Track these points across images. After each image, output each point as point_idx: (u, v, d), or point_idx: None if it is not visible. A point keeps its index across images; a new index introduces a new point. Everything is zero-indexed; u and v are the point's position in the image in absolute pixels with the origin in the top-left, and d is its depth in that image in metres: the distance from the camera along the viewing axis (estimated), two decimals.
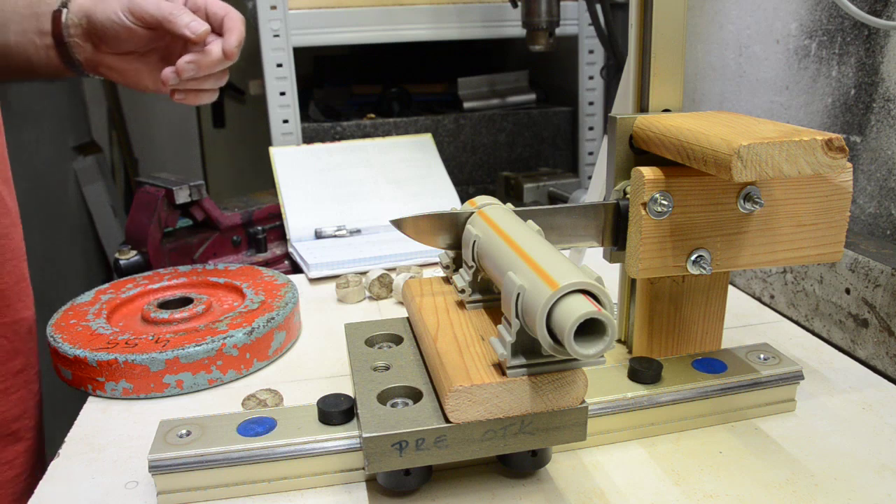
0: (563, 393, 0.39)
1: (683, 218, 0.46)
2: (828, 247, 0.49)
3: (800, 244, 0.48)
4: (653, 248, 0.46)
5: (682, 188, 0.45)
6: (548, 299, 0.34)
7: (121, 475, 0.45)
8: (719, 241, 0.47)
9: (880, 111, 0.66)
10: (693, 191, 0.46)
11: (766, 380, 0.48)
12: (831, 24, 0.71)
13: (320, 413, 0.43)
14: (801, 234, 0.48)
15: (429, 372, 0.44)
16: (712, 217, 0.47)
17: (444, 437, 0.39)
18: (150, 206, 0.77)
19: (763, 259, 0.48)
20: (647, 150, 0.48)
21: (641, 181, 0.45)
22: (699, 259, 0.47)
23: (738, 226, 0.47)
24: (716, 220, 0.47)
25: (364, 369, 0.45)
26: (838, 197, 0.48)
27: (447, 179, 0.97)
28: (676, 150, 0.44)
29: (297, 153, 0.96)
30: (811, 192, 0.47)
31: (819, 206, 0.48)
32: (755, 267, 0.49)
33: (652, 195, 0.45)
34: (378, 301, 0.72)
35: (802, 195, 0.47)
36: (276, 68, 1.06)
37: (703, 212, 0.46)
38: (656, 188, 0.45)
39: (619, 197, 0.49)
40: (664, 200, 0.45)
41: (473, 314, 0.47)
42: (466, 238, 0.48)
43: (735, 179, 0.38)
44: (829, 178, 0.47)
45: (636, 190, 0.46)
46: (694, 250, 0.47)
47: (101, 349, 0.54)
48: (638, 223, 0.46)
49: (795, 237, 0.48)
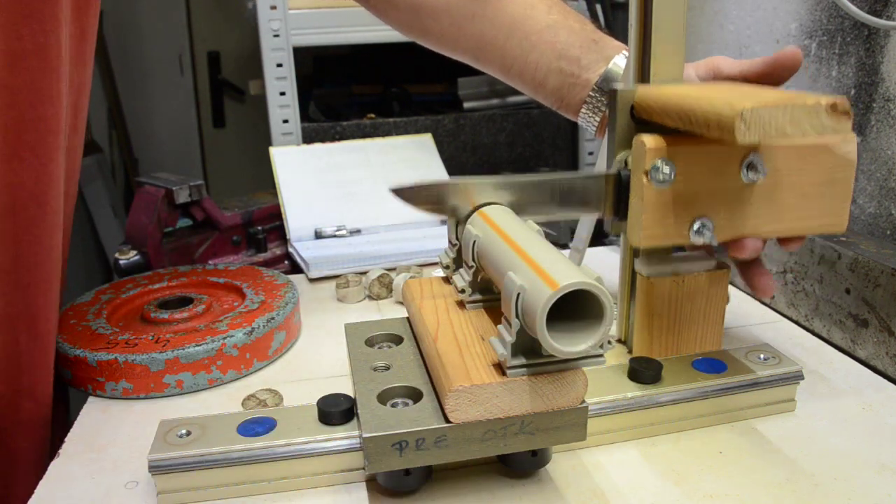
0: (563, 393, 0.39)
1: (685, 186, 0.46)
2: (832, 217, 0.48)
3: (804, 214, 0.48)
4: (655, 217, 0.46)
5: (684, 156, 0.45)
6: (548, 299, 0.34)
7: (121, 475, 0.45)
8: (722, 210, 0.47)
9: (880, 111, 0.66)
10: (695, 159, 0.45)
11: (766, 380, 0.48)
12: (831, 24, 0.71)
13: (320, 413, 0.43)
14: (805, 204, 0.48)
15: (429, 372, 0.44)
16: (715, 186, 0.46)
17: (444, 437, 0.39)
18: (150, 206, 0.77)
19: (766, 229, 0.48)
20: (648, 121, 0.47)
21: (643, 149, 0.45)
22: (702, 228, 0.46)
23: (741, 195, 0.47)
24: (718, 188, 0.46)
25: (364, 369, 0.45)
26: (842, 168, 0.47)
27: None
28: (678, 115, 0.43)
29: (297, 153, 0.96)
30: (815, 163, 0.47)
31: (823, 177, 0.47)
32: (759, 236, 0.48)
33: (654, 163, 0.45)
34: (378, 301, 0.72)
35: (806, 166, 0.47)
36: (276, 68, 1.06)
37: (706, 180, 0.46)
38: (658, 156, 0.45)
39: (621, 167, 0.48)
40: (666, 168, 0.45)
41: (473, 314, 0.47)
42: (466, 238, 0.48)
43: (738, 141, 0.38)
44: (832, 149, 0.47)
45: (638, 158, 0.45)
46: (696, 219, 0.46)
47: (101, 349, 0.54)
48: (640, 191, 0.46)
49: (799, 207, 0.48)
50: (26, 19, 0.45)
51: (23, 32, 0.45)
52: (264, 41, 1.05)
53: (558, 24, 0.59)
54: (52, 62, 0.47)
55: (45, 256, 0.50)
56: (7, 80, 0.45)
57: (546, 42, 0.58)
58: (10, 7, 0.44)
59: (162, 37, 2.29)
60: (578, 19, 0.60)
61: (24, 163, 0.47)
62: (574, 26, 0.58)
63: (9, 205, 0.47)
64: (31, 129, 0.47)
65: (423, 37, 0.67)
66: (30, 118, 0.47)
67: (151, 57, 2.30)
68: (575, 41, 0.57)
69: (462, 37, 0.63)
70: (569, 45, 0.57)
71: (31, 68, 0.46)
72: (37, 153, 0.48)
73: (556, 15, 0.59)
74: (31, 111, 0.47)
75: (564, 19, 0.59)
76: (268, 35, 1.05)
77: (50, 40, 0.46)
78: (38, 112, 0.47)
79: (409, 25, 0.67)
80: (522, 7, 0.60)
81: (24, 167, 0.47)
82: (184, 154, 2.38)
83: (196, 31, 2.31)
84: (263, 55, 1.06)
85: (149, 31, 2.27)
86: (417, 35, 0.68)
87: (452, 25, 0.63)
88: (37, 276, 0.50)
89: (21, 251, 0.49)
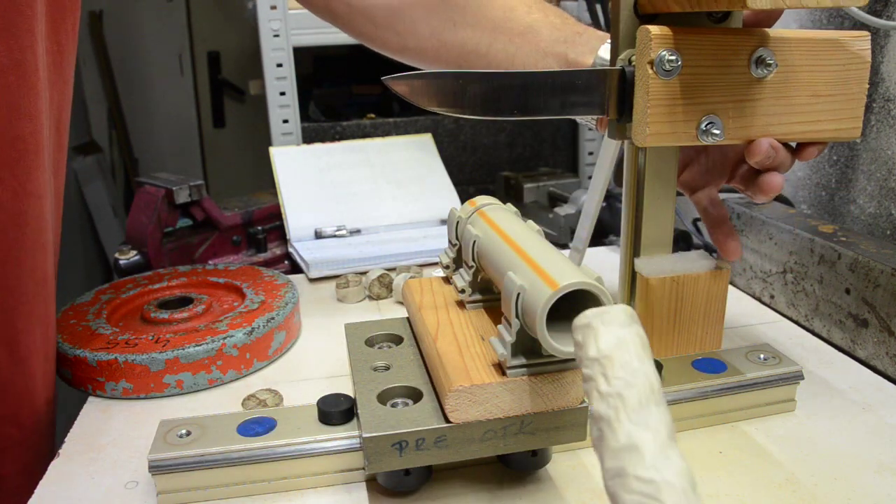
0: (563, 393, 0.39)
1: (693, 80, 0.44)
2: (845, 122, 0.47)
3: (816, 117, 0.46)
4: (661, 112, 0.44)
5: (691, 46, 0.43)
6: (548, 299, 0.34)
7: (121, 475, 0.45)
8: (731, 107, 0.45)
9: (880, 111, 0.66)
10: (702, 49, 0.44)
11: (766, 380, 0.48)
12: (831, 24, 0.71)
13: (320, 413, 0.43)
14: (817, 105, 0.46)
15: (429, 372, 0.44)
16: (723, 80, 0.44)
17: (444, 437, 0.39)
18: (150, 206, 0.77)
19: (777, 130, 0.46)
20: (653, 14, 0.46)
21: (648, 38, 0.43)
22: (710, 126, 0.45)
23: (750, 91, 0.45)
24: (727, 83, 0.45)
25: (364, 369, 0.45)
26: (856, 66, 0.46)
27: (447, 179, 0.97)
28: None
29: (297, 153, 0.96)
30: (827, 60, 0.45)
31: (836, 76, 0.46)
32: (769, 137, 0.46)
33: (659, 52, 0.43)
34: (378, 301, 0.72)
35: (818, 62, 0.45)
36: (276, 68, 1.07)
37: (714, 74, 0.44)
38: (664, 45, 0.43)
39: (625, 64, 0.46)
40: (671, 57, 0.43)
41: (473, 314, 0.47)
42: (466, 238, 0.48)
43: (748, 6, 0.37)
44: (846, 45, 0.45)
45: (642, 49, 0.44)
46: (704, 117, 0.45)
47: (101, 349, 0.54)
48: (645, 84, 0.44)
49: (811, 109, 0.46)
50: (1, 35, 0.43)
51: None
52: (264, 41, 1.05)
53: (539, 22, 0.58)
54: (29, 78, 0.45)
55: (26, 279, 0.49)
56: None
57: (530, 42, 0.58)
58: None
59: (162, 37, 2.30)
60: (559, 15, 0.59)
61: (3, 183, 0.45)
62: (555, 22, 0.58)
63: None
64: (9, 148, 0.45)
65: (402, 52, 0.65)
66: (7, 137, 0.45)
67: (151, 57, 2.30)
68: (559, 37, 0.57)
69: (443, 47, 0.62)
70: (553, 41, 0.57)
71: (8, 85, 0.44)
72: (14, 173, 0.46)
73: (536, 14, 0.59)
74: (8, 130, 0.45)
75: (545, 17, 0.59)
76: (268, 35, 1.05)
77: (27, 56, 0.45)
78: (15, 131, 0.45)
79: (384, 42, 0.66)
80: (502, 10, 0.60)
81: (3, 187, 0.45)
82: (184, 154, 2.38)
83: (196, 31, 2.31)
84: (263, 55, 1.06)
85: (149, 31, 2.28)
86: (395, 50, 0.66)
87: (433, 36, 0.62)
88: (17, 298, 0.49)
89: (0, 273, 0.47)
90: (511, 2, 0.60)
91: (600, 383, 0.29)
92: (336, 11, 0.66)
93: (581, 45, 0.56)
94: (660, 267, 0.51)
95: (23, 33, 0.44)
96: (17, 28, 0.44)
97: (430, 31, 0.62)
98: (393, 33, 0.64)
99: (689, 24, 0.45)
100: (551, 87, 0.46)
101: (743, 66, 0.44)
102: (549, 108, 0.46)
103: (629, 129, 0.46)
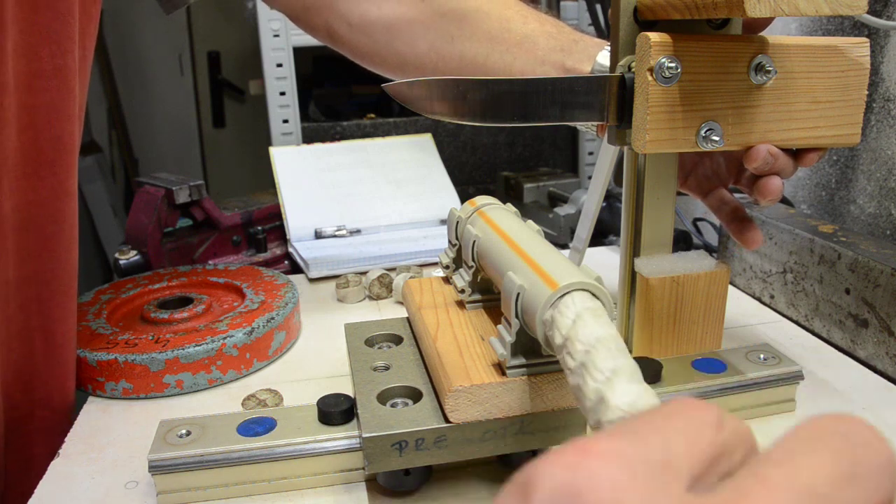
0: (563, 393, 0.39)
1: (692, 86, 0.44)
2: (845, 128, 0.47)
3: (815, 123, 0.46)
4: (660, 119, 0.44)
5: (691, 53, 0.43)
6: (548, 299, 0.34)
7: (121, 475, 0.45)
8: (730, 113, 0.45)
9: (880, 111, 0.66)
10: (702, 56, 0.44)
11: (766, 380, 0.48)
12: (831, 24, 0.71)
13: (320, 413, 0.43)
14: (816, 111, 0.46)
15: (429, 372, 0.44)
16: (723, 87, 0.45)
17: (444, 437, 0.39)
18: (150, 206, 0.77)
19: (777, 136, 0.46)
20: (653, 21, 0.46)
21: (648, 45, 0.43)
22: (709, 132, 0.45)
23: (749, 98, 0.45)
24: (726, 90, 0.45)
25: (364, 369, 0.46)
26: (855, 73, 0.46)
27: (447, 179, 0.97)
28: (684, 2, 0.42)
29: (297, 153, 0.96)
30: (826, 66, 0.45)
31: (835, 83, 0.46)
32: (769, 143, 0.46)
33: (659, 59, 0.43)
34: (378, 301, 0.72)
35: (817, 68, 0.45)
36: (276, 68, 1.07)
37: (713, 80, 0.44)
38: (663, 52, 0.43)
39: (625, 71, 0.47)
40: (671, 64, 0.43)
41: (473, 314, 0.47)
42: (466, 238, 0.48)
43: (747, 14, 0.37)
44: (844, 52, 0.45)
45: (642, 56, 0.44)
46: (704, 123, 0.45)
47: (101, 349, 0.54)
48: (644, 91, 0.44)
49: (811, 115, 0.46)
50: (45, 41, 0.46)
51: (42, 54, 0.46)
52: (264, 41, 1.05)
53: (535, 32, 0.59)
54: (69, 82, 0.48)
55: (60, 271, 0.51)
56: (27, 100, 0.46)
57: (527, 52, 0.58)
58: (29, 29, 0.45)
59: (162, 37, 2.30)
60: (555, 24, 0.60)
61: (43, 181, 0.48)
62: (551, 31, 0.59)
63: (26, 221, 0.48)
64: (49, 149, 0.48)
65: (401, 68, 0.66)
66: (48, 137, 0.48)
67: (151, 57, 2.31)
68: (555, 45, 0.57)
69: (442, 60, 0.63)
70: (550, 50, 0.57)
71: (51, 89, 0.47)
72: (54, 171, 0.49)
73: (532, 24, 0.60)
74: (49, 130, 0.47)
75: (541, 26, 0.59)
76: (268, 35, 1.05)
77: (67, 61, 0.47)
78: (55, 131, 0.48)
79: (383, 59, 0.66)
80: (498, 21, 0.60)
81: (43, 185, 0.48)
82: (184, 154, 2.39)
83: (196, 31, 2.31)
84: (263, 55, 1.06)
85: (149, 31, 2.28)
86: (393, 67, 0.66)
87: (431, 51, 0.63)
88: (54, 289, 0.51)
89: (39, 267, 0.50)
90: (507, 13, 0.61)
91: (569, 362, 0.30)
92: (337, 32, 0.67)
93: (578, 53, 0.56)
94: (660, 267, 0.51)
95: (64, 40, 0.47)
96: (59, 35, 0.46)
97: (428, 46, 0.63)
98: (392, 51, 0.65)
99: (688, 31, 0.45)
100: (551, 93, 0.46)
101: (742, 73, 0.45)
102: (548, 115, 0.47)
103: (629, 135, 0.46)
